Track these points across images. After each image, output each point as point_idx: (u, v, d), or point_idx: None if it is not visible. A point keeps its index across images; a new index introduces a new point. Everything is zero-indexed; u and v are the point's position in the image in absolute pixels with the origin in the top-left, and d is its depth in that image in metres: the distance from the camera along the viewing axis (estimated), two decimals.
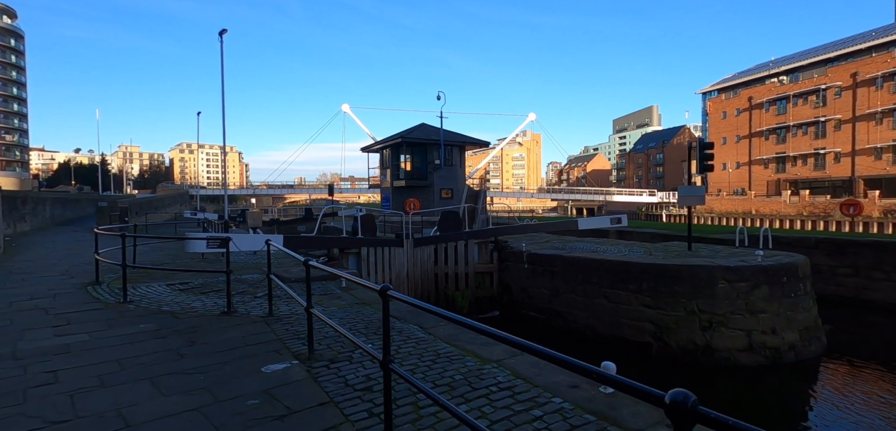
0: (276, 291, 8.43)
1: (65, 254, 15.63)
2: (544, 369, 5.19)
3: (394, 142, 27.60)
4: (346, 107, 52.00)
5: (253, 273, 11.68)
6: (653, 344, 12.30)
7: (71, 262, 13.65)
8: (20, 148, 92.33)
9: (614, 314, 13.02)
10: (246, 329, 6.75)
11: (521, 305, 16.10)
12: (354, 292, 9.88)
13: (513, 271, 16.55)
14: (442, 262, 16.77)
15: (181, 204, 56.17)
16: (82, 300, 8.59)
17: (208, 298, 8.82)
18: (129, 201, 30.58)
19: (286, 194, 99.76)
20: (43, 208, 26.11)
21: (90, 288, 9.62)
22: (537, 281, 15.44)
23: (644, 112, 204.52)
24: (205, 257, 13.02)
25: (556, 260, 14.72)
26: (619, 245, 17.14)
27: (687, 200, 14.78)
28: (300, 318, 7.43)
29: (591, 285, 13.58)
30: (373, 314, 7.85)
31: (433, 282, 16.69)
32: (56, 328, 6.70)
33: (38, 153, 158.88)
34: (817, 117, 60.99)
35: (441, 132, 27.32)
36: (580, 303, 13.91)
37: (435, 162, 27.88)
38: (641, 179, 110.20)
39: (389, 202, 28.62)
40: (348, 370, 5.16)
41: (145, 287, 9.64)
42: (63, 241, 19.90)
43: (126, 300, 8.35)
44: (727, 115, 74.47)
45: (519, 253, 16.26)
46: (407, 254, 16.02)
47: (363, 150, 31.69)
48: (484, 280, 17.29)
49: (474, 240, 17.04)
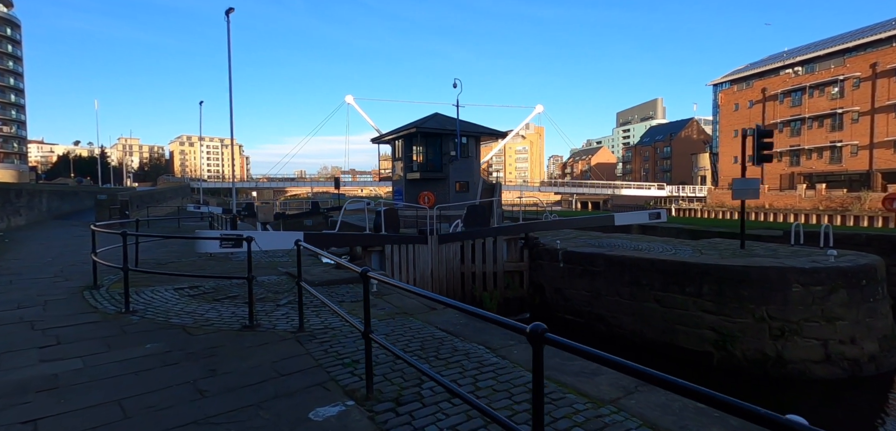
0: (295, 295, 7.18)
1: (60, 251, 14.37)
2: (683, 413, 3.93)
3: (407, 132, 26.27)
4: (350, 98, 50.58)
5: (266, 274, 10.42)
6: (714, 354, 11.05)
7: (66, 261, 12.38)
8: (18, 140, 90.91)
9: (667, 319, 11.77)
10: (275, 350, 5.50)
11: (556, 307, 14.85)
12: (389, 298, 8.63)
13: (546, 270, 15.29)
14: (469, 260, 15.51)
15: (183, 197, 54.91)
16: (77, 309, 7.33)
17: (224, 307, 7.55)
18: (130, 194, 29.29)
19: (287, 186, 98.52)
20: (39, 201, 24.83)
21: (87, 293, 8.36)
22: (575, 282, 14.19)
23: (648, 105, 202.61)
24: (212, 257, 11.76)
25: (597, 259, 13.45)
26: (661, 243, 15.88)
27: (742, 193, 13.50)
28: (337, 333, 6.19)
29: (639, 287, 12.31)
30: (423, 329, 6.60)
31: (459, 282, 15.43)
32: (43, 351, 5.43)
33: (37, 146, 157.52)
34: (834, 109, 59.53)
35: (458, 123, 25.99)
36: (626, 307, 12.66)
37: (450, 153, 26.57)
38: (648, 172, 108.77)
39: (402, 195, 27.32)
40: (425, 417, 3.89)
41: (150, 293, 8.38)
42: (59, 236, 18.64)
43: (128, 309, 7.09)
44: (740, 107, 72.94)
45: (553, 251, 15.00)
46: (431, 252, 14.76)
47: (373, 141, 30.36)
48: (513, 280, 16.04)
49: (503, 236, 15.77)
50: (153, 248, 13.50)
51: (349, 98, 50.85)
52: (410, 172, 26.88)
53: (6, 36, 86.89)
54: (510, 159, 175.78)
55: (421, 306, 8.01)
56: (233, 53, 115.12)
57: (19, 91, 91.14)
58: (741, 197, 13.60)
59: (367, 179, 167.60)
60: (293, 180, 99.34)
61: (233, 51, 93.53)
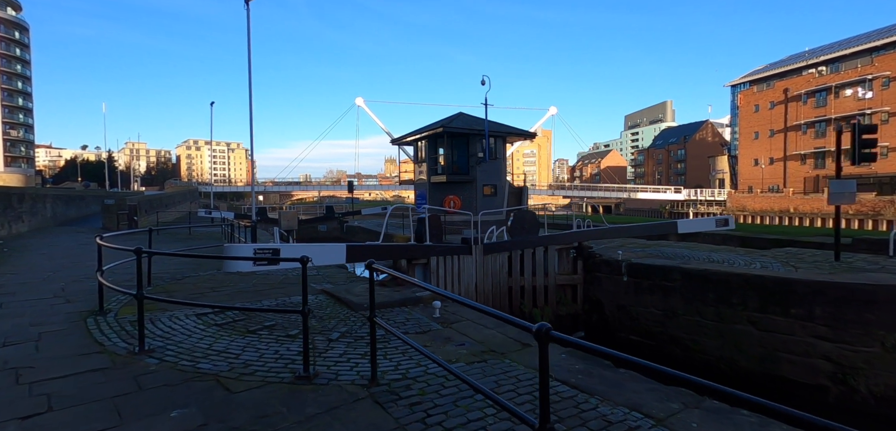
0: (348, 324, 5.45)
1: (64, 262, 12.86)
2: None
3: (432, 132, 24.67)
4: (360, 100, 49.09)
5: (295, 291, 8.81)
6: (830, 388, 9.33)
7: (70, 275, 10.86)
8: (25, 144, 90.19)
9: (767, 345, 10.06)
10: (351, 420, 3.89)
11: (618, 326, 13.16)
12: (459, 326, 7.02)
13: (605, 284, 13.61)
14: (517, 273, 13.86)
15: (191, 201, 53.58)
16: (78, 345, 5.76)
17: (262, 342, 5.95)
18: (138, 199, 27.88)
19: (293, 190, 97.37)
20: (43, 207, 23.42)
21: (91, 322, 6.80)
22: (642, 298, 12.49)
23: (657, 108, 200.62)
24: (240, 273, 10.17)
25: (672, 273, 11.75)
26: (740, 255, 14.16)
27: (838, 197, 11.80)
28: (425, 388, 4.58)
29: (729, 306, 10.61)
30: (524, 374, 4.99)
31: (507, 296, 13.78)
32: (24, 424, 3.84)
33: (45, 150, 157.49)
34: (862, 110, 57.44)
35: (486, 123, 24.38)
36: (711, 329, 10.96)
37: (478, 155, 24.94)
38: (661, 176, 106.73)
39: (425, 199, 25.70)
40: None
41: (168, 320, 6.80)
42: (64, 245, 17.15)
43: (143, 348, 5.51)
44: (760, 108, 70.93)
45: (613, 263, 13.32)
46: (476, 263, 13.12)
47: (393, 142, 28.79)
48: (565, 294, 14.37)
49: (555, 246, 14.12)
50: (165, 257, 11.93)
51: (359, 100, 49.32)
52: (435, 174, 25.28)
53: (14, 40, 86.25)
54: (518, 162, 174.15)
55: (506, 339, 6.40)
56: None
57: (27, 95, 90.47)
58: (838, 201, 11.89)
59: (372, 182, 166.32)
60: (299, 183, 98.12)
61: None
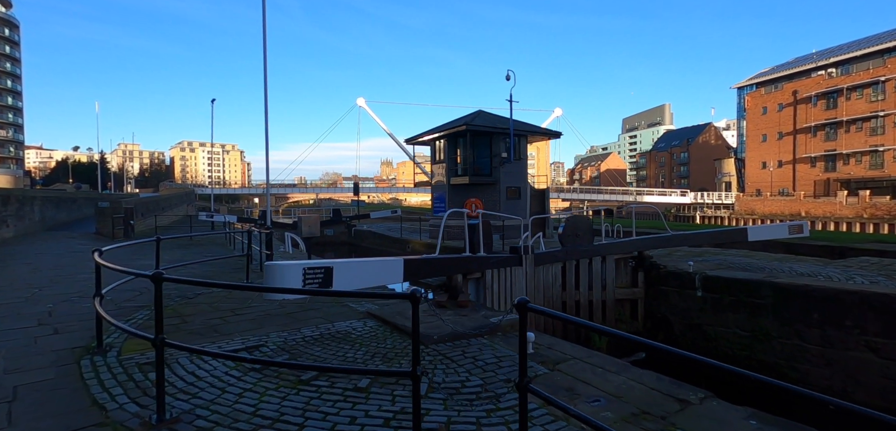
0: (439, 370, 3.73)
1: (53, 275, 11.10)
2: None
3: (452, 130, 23.05)
4: (362, 101, 47.58)
5: (337, 315, 7.13)
6: None
7: (59, 292, 9.12)
8: (14, 144, 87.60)
9: (892, 376, 8.50)
10: None
11: (690, 348, 11.55)
12: (567, 368, 5.42)
13: (673, 299, 12.02)
14: (571, 286, 12.25)
15: (188, 204, 51.58)
16: (70, 410, 4.07)
17: (326, 402, 4.27)
18: (134, 201, 26.02)
19: (289, 193, 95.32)
20: (31, 209, 21.54)
21: (88, 365, 5.10)
22: (723, 317, 10.91)
23: (655, 111, 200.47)
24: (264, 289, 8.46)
25: (762, 288, 10.18)
26: (825, 265, 12.61)
27: None
28: None
29: (840, 329, 9.05)
30: None
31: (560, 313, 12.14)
32: None
33: (35, 152, 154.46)
34: (875, 112, 56.52)
35: (511, 121, 22.80)
36: (815, 355, 9.39)
37: (502, 155, 23.35)
38: (664, 179, 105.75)
39: (444, 203, 24.08)
40: None
41: (189, 364, 5.11)
42: (53, 254, 15.34)
43: (163, 417, 3.83)
44: (768, 110, 69.94)
45: (684, 275, 11.74)
46: (526, 275, 11.48)
47: (409, 141, 27.13)
48: (624, 310, 12.77)
49: (614, 255, 12.52)
50: (173, 266, 10.24)
51: (360, 101, 47.76)
52: (455, 175, 23.65)
53: (4, 36, 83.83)
54: None
55: (647, 391, 4.78)
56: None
57: (17, 94, 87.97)
58: None
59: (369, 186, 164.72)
60: (294, 186, 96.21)
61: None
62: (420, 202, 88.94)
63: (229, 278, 10.85)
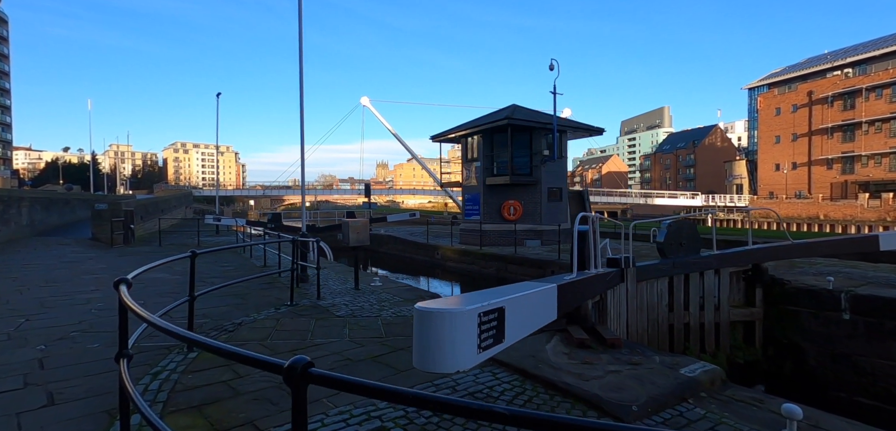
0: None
1: (43, 296, 8.81)
2: None
3: (491, 124, 20.87)
4: (366, 100, 45.53)
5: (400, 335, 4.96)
6: None
7: (53, 324, 6.86)
8: (3, 143, 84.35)
9: None
10: None
11: (833, 382, 9.47)
12: None
13: (807, 322, 9.92)
14: (679, 305, 10.11)
15: (186, 206, 49.05)
16: None
17: None
18: (134, 204, 23.62)
19: (284, 195, 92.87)
20: (18, 212, 19.11)
21: None
22: (881, 346, 8.82)
23: (654, 113, 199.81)
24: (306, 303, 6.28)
25: None
26: None
27: None
28: None
29: None
30: None
31: (667, 337, 10.03)
32: None
33: (25, 153, 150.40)
34: (894, 113, 55.11)
35: (554, 118, 20.70)
36: None
37: (543, 153, 21.24)
38: (671, 181, 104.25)
39: (478, 206, 21.92)
40: None
41: None
42: (43, 265, 12.96)
43: None
44: (781, 111, 68.45)
45: (822, 294, 9.65)
46: (628, 292, 9.32)
47: (434, 139, 24.93)
48: (737, 333, 10.66)
49: (729, 268, 10.41)
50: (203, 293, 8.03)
51: (364, 100, 45.65)
52: (491, 175, 21.50)
53: None
54: None
55: None
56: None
57: (5, 91, 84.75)
58: None
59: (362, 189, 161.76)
60: (288, 187, 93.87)
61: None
62: (417, 204, 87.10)
63: (257, 298, 8.65)
